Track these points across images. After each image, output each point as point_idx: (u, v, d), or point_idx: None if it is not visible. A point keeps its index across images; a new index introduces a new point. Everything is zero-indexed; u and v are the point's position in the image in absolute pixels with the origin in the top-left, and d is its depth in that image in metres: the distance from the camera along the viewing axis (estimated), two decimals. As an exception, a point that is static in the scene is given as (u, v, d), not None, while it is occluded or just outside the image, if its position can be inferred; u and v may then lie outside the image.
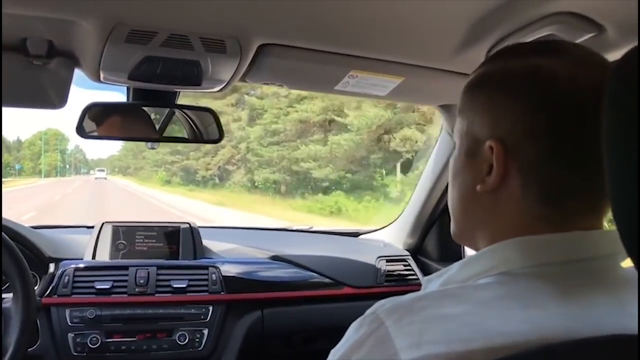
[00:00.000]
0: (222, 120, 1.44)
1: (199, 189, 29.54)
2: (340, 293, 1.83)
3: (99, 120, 1.42)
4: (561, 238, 0.60)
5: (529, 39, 1.05)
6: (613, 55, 1.07)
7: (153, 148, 1.54)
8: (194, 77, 1.20)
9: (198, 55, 1.11)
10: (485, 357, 0.51)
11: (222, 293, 1.67)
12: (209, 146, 22.50)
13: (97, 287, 1.59)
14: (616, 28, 0.99)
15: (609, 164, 0.48)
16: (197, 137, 1.48)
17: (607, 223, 0.63)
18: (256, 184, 24.45)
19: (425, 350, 0.52)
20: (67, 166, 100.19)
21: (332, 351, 0.60)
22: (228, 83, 1.27)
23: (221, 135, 1.43)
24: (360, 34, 1.12)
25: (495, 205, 0.64)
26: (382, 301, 0.59)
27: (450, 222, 0.74)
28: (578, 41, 1.02)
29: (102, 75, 1.21)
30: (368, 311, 0.59)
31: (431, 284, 0.70)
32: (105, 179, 60.62)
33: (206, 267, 1.71)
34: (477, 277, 0.62)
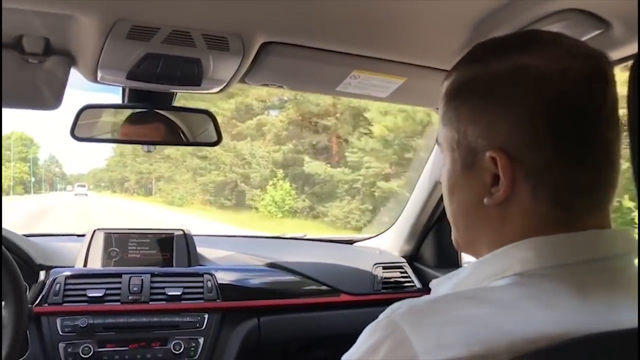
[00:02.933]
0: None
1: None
2: (337, 300, 1.80)
3: (94, 122, 1.39)
4: (575, 238, 0.59)
5: None
6: (620, 52, 1.08)
7: (149, 151, 1.50)
8: (193, 77, 1.18)
9: (200, 52, 1.09)
10: (508, 358, 0.50)
11: (217, 301, 1.63)
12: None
13: (90, 295, 1.54)
14: (623, 24, 0.99)
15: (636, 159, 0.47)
16: (194, 139, 1.45)
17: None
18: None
19: (446, 353, 0.50)
20: (38, 180, 77.63)
21: (345, 356, 0.58)
22: (228, 84, 1.25)
23: (219, 138, 1.41)
24: (364, 33, 1.11)
25: (505, 215, 0.62)
26: (396, 304, 0.57)
27: (451, 231, 0.72)
28: (584, 38, 1.02)
29: (99, 75, 1.18)
30: (382, 315, 0.57)
31: (441, 287, 0.68)
32: (86, 195, 52.10)
33: (201, 275, 1.67)
34: (490, 279, 0.60)
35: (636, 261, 0.62)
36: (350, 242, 2.28)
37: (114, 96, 1.45)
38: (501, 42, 0.66)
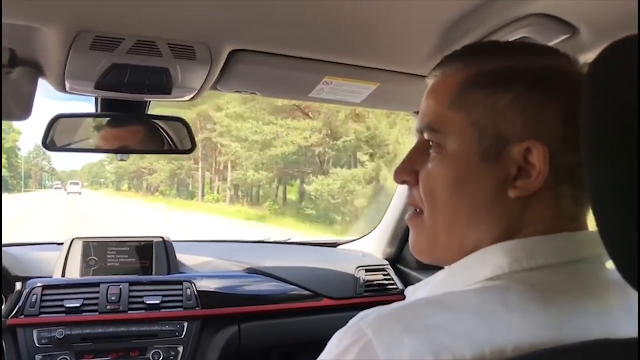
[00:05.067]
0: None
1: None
2: (318, 305, 1.79)
3: (66, 132, 1.38)
4: (547, 241, 0.59)
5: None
6: (586, 57, 1.07)
7: (122, 160, 1.49)
8: (163, 85, 1.17)
9: (166, 62, 1.08)
10: None
11: (197, 308, 1.62)
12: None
13: (67, 305, 1.52)
14: (590, 29, 0.99)
15: (590, 164, 0.47)
16: (169, 147, 1.44)
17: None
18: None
19: None
20: (17, 176, 59.79)
21: None
22: (199, 91, 1.24)
23: (193, 146, 1.40)
24: (335, 39, 1.10)
25: (524, 210, 0.60)
26: (366, 311, 0.56)
27: (425, 237, 0.66)
28: (552, 43, 1.02)
29: (67, 85, 1.17)
30: (351, 322, 0.56)
31: (416, 293, 0.68)
32: (79, 193, 46.11)
33: (180, 282, 1.66)
34: (463, 284, 0.59)
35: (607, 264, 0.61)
36: (334, 244, 2.27)
37: (89, 105, 1.43)
38: (512, 43, 0.67)
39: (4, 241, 1.83)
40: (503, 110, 0.60)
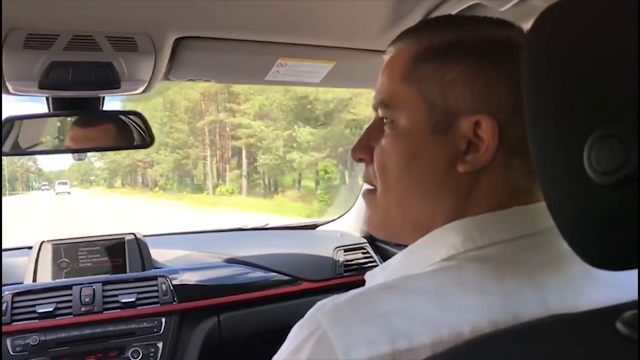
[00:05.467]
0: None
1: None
2: (298, 289, 1.77)
3: (20, 134, 1.33)
4: (499, 217, 0.58)
5: (457, 9, 1.01)
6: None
7: (80, 159, 1.45)
8: (110, 80, 1.13)
9: (108, 56, 1.04)
10: (432, 351, 0.48)
11: (174, 303, 1.60)
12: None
13: (39, 310, 1.49)
14: None
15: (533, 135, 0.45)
16: (127, 142, 1.40)
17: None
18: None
19: (368, 351, 0.48)
20: (6, 178, 51.00)
21: (275, 357, 0.57)
22: (150, 83, 1.20)
23: (151, 139, 1.36)
24: (284, 19, 1.07)
25: (475, 184, 0.59)
26: (323, 301, 0.55)
27: (379, 213, 0.66)
28: (504, 8, 0.99)
29: (9, 87, 1.12)
30: (308, 313, 0.55)
31: (375, 278, 0.66)
32: (69, 193, 44.61)
33: (155, 278, 1.63)
34: (420, 267, 0.58)
35: None
36: (313, 226, 2.25)
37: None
38: (467, 17, 0.68)
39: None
40: (452, 83, 0.59)
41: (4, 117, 1.27)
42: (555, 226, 0.57)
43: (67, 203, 29.43)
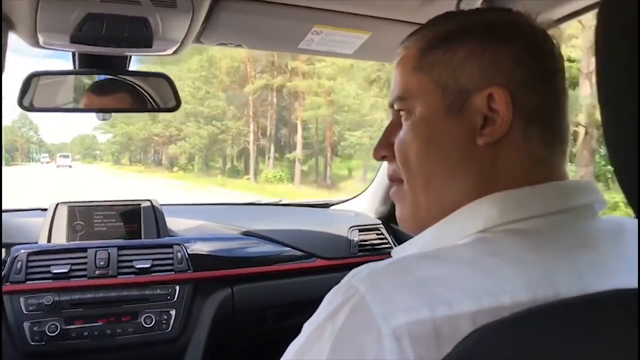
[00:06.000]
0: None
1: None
2: (312, 265, 1.77)
3: (43, 91, 1.31)
4: (537, 191, 0.59)
5: None
6: (562, 10, 1.06)
7: (104, 119, 1.43)
8: (143, 38, 1.10)
9: (145, 11, 1.01)
10: (472, 322, 0.48)
11: (188, 272, 1.59)
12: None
13: (54, 271, 1.48)
14: None
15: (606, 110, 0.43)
16: (152, 105, 1.38)
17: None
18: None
19: (408, 316, 0.48)
20: (3, 148, 28.35)
21: (306, 324, 0.55)
22: (182, 44, 1.18)
23: (178, 103, 1.34)
24: None
25: (496, 156, 0.61)
26: (357, 269, 0.55)
27: (408, 205, 0.67)
28: None
29: (40, 39, 1.10)
30: (343, 280, 0.54)
31: (403, 252, 0.65)
32: (70, 167, 42.89)
33: (170, 246, 1.62)
34: (454, 239, 0.58)
35: (602, 213, 0.62)
36: (327, 205, 2.24)
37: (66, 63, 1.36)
38: (469, 9, 0.70)
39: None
40: (460, 63, 0.61)
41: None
42: (588, 204, 0.60)
43: (71, 179, 26.30)
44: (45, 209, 1.72)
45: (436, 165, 0.63)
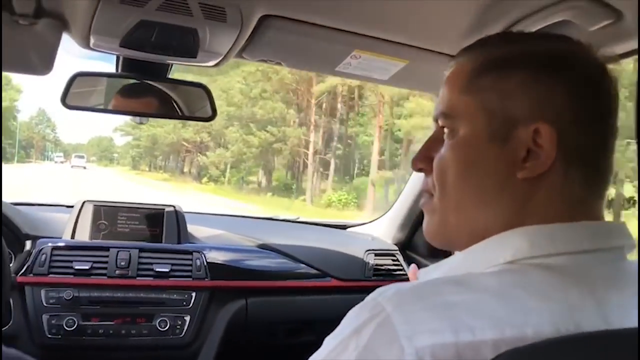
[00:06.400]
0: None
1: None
2: (326, 285, 1.78)
3: (85, 91, 1.36)
4: (571, 228, 0.58)
5: (542, 24, 1.01)
6: (630, 44, 1.05)
7: (141, 123, 1.47)
8: (189, 48, 1.14)
9: (196, 22, 1.05)
10: (494, 349, 0.49)
11: (206, 279, 1.61)
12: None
13: (76, 267, 1.51)
14: (634, 15, 0.95)
15: None
16: (185, 113, 1.42)
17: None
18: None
19: (431, 338, 0.49)
20: (17, 144, 49.44)
21: (328, 338, 0.56)
22: (225, 57, 1.22)
23: (214, 113, 1.37)
24: (366, 11, 1.08)
25: (533, 192, 0.60)
26: (383, 287, 0.56)
27: (436, 220, 0.67)
28: (594, 28, 0.99)
29: (92, 41, 1.14)
30: (368, 297, 0.55)
31: (430, 275, 0.67)
32: (84, 168, 41.80)
33: (190, 252, 1.65)
34: (481, 267, 0.59)
35: (630, 256, 0.62)
36: (344, 227, 2.25)
37: (107, 65, 1.39)
38: (528, 32, 0.72)
39: (14, 200, 1.82)
40: (511, 92, 0.60)
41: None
42: (618, 247, 0.59)
43: (87, 182, 23.87)
44: (71, 206, 1.75)
45: (471, 190, 0.63)
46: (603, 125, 0.61)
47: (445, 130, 0.65)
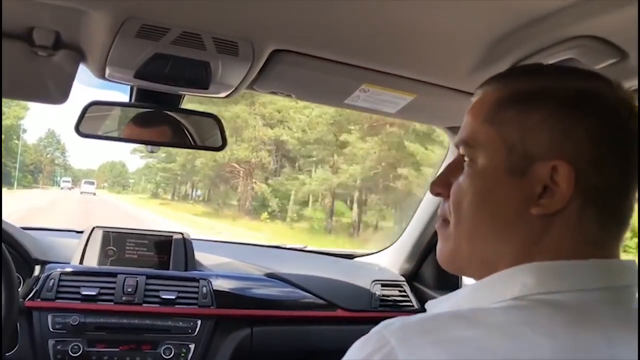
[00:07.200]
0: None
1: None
2: (333, 315, 1.77)
3: (99, 119, 1.38)
4: (577, 266, 0.58)
5: (548, 61, 1.03)
6: (633, 82, 1.06)
7: (152, 152, 1.49)
8: (202, 80, 1.17)
9: (209, 56, 1.08)
10: None
11: (211, 307, 1.61)
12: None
13: (83, 293, 1.52)
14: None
15: None
16: (200, 143, 1.44)
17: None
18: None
19: None
20: (18, 166, 43.89)
21: None
22: (236, 89, 1.24)
23: (224, 143, 1.40)
24: (376, 47, 1.10)
25: (547, 228, 0.59)
26: (389, 320, 0.56)
27: (449, 246, 0.67)
28: (599, 67, 1.00)
29: (107, 72, 1.18)
30: (373, 330, 0.55)
31: (438, 307, 0.67)
32: (94, 194, 40.12)
33: (197, 280, 1.65)
34: (488, 302, 0.59)
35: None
36: (351, 256, 2.25)
37: (121, 94, 1.43)
38: (555, 66, 0.71)
39: (24, 224, 1.84)
40: (532, 128, 0.60)
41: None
42: (628, 286, 0.59)
43: (95, 215, 19.88)
44: (80, 232, 1.77)
45: (485, 221, 0.63)
46: (624, 166, 0.60)
47: (466, 158, 0.66)
